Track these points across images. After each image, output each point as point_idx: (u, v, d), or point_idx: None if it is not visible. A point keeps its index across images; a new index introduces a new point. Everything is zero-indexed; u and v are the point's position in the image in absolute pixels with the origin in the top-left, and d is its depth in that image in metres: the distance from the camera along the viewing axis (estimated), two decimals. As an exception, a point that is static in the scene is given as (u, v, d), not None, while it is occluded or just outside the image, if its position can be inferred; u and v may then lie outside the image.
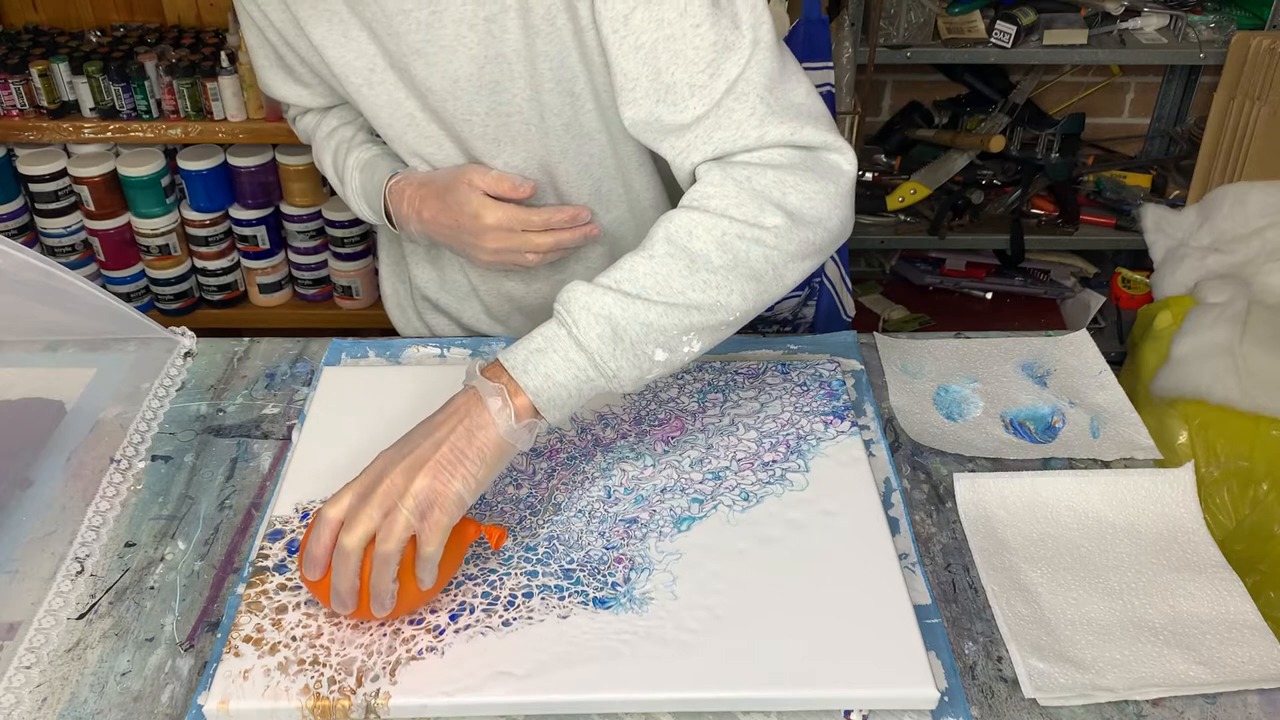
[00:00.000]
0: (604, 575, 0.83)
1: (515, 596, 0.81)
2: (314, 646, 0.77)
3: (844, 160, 0.90)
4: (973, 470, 0.95)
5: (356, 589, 0.76)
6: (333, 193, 2.28)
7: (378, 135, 1.13)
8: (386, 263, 1.29)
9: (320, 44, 0.98)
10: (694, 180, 0.89)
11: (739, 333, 0.84)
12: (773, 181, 0.86)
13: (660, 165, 1.08)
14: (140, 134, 2.19)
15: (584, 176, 1.04)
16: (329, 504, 0.77)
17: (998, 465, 0.96)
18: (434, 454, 0.77)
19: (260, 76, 1.12)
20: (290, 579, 0.83)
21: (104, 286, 1.47)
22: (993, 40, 2.17)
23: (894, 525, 0.88)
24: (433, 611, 0.80)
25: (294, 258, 2.40)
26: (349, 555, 0.75)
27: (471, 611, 0.80)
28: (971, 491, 0.92)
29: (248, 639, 0.78)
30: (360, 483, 0.77)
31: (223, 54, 2.14)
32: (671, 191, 1.13)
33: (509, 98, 0.96)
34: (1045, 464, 0.96)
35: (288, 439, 0.99)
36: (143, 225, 2.29)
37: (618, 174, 1.06)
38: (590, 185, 1.05)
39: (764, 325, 2.04)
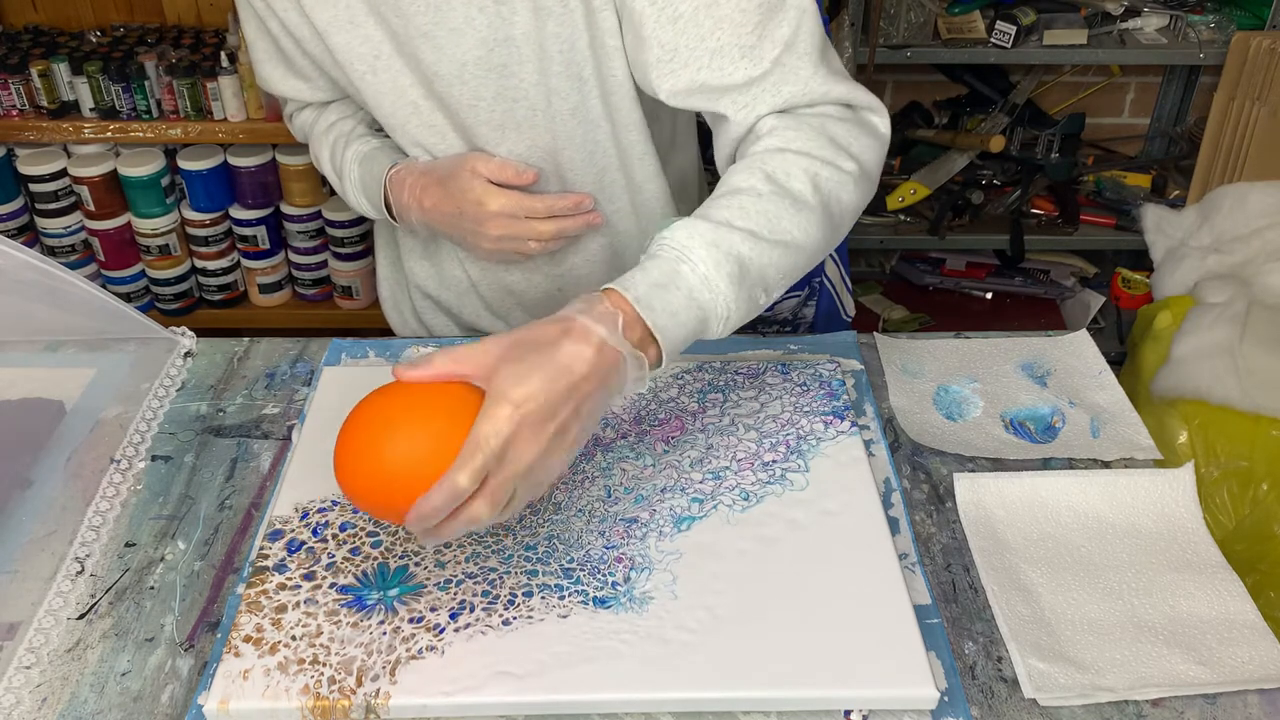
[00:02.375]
0: (604, 575, 0.83)
1: (515, 595, 0.81)
2: (314, 646, 0.77)
3: (882, 123, 0.92)
4: (973, 470, 0.95)
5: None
6: (333, 193, 2.28)
7: (377, 129, 1.12)
8: (384, 266, 1.28)
9: (325, 29, 0.97)
10: (749, 134, 0.90)
11: (738, 332, 0.84)
12: (843, 131, 0.88)
13: (665, 156, 1.08)
14: (140, 134, 2.19)
15: (588, 165, 1.04)
16: (459, 470, 0.69)
17: (998, 465, 0.96)
18: (575, 426, 0.72)
19: (258, 71, 1.12)
20: (290, 579, 0.83)
21: (104, 286, 1.47)
22: (993, 40, 2.17)
23: (894, 525, 0.88)
24: (433, 610, 0.80)
25: (294, 258, 2.40)
26: (460, 528, 0.71)
27: (471, 610, 0.80)
28: (971, 491, 0.92)
29: (248, 639, 0.78)
30: (493, 441, 0.69)
31: (223, 54, 2.14)
32: (673, 184, 1.13)
33: (516, 82, 0.97)
34: (1045, 464, 0.96)
35: (288, 439, 0.99)
36: (143, 225, 2.29)
37: (620, 165, 1.06)
38: (594, 174, 1.05)
39: (764, 325, 2.04)
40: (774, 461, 0.93)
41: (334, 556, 0.84)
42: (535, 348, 0.72)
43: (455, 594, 0.81)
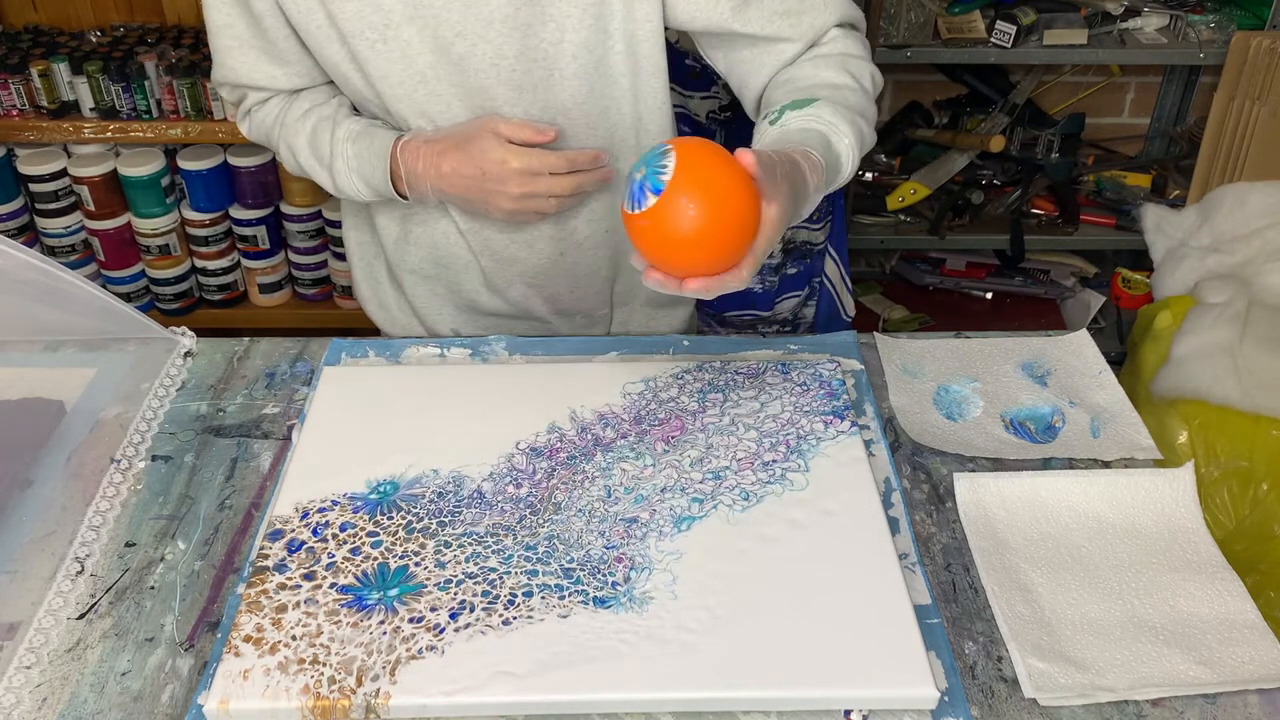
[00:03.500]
0: (604, 575, 0.83)
1: (515, 595, 0.81)
2: (314, 646, 0.77)
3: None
4: (973, 470, 0.95)
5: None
6: (333, 193, 2.28)
7: (356, 113, 1.12)
8: (360, 267, 1.27)
9: None
10: (812, 47, 1.04)
11: (738, 333, 0.85)
12: (865, 43, 1.06)
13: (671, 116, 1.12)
14: (140, 134, 2.19)
15: (601, 122, 1.07)
16: (750, 269, 0.81)
17: (998, 465, 0.96)
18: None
19: (223, 62, 1.09)
20: (290, 579, 0.83)
21: (104, 286, 1.47)
22: (993, 40, 2.17)
23: (894, 525, 0.88)
24: (433, 610, 0.80)
25: (294, 257, 2.40)
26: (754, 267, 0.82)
27: (471, 610, 0.80)
28: (971, 491, 0.92)
29: (248, 639, 0.78)
30: (770, 249, 0.83)
31: (223, 54, 2.14)
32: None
33: (538, 41, 0.99)
34: (1045, 464, 0.96)
35: (288, 439, 0.99)
36: (143, 225, 2.29)
37: (633, 122, 1.08)
38: (606, 131, 1.08)
39: (764, 325, 2.04)
40: (774, 461, 0.93)
41: (334, 556, 0.84)
42: (793, 184, 0.85)
43: (455, 594, 0.81)
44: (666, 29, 1.04)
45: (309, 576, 0.83)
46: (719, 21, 1.01)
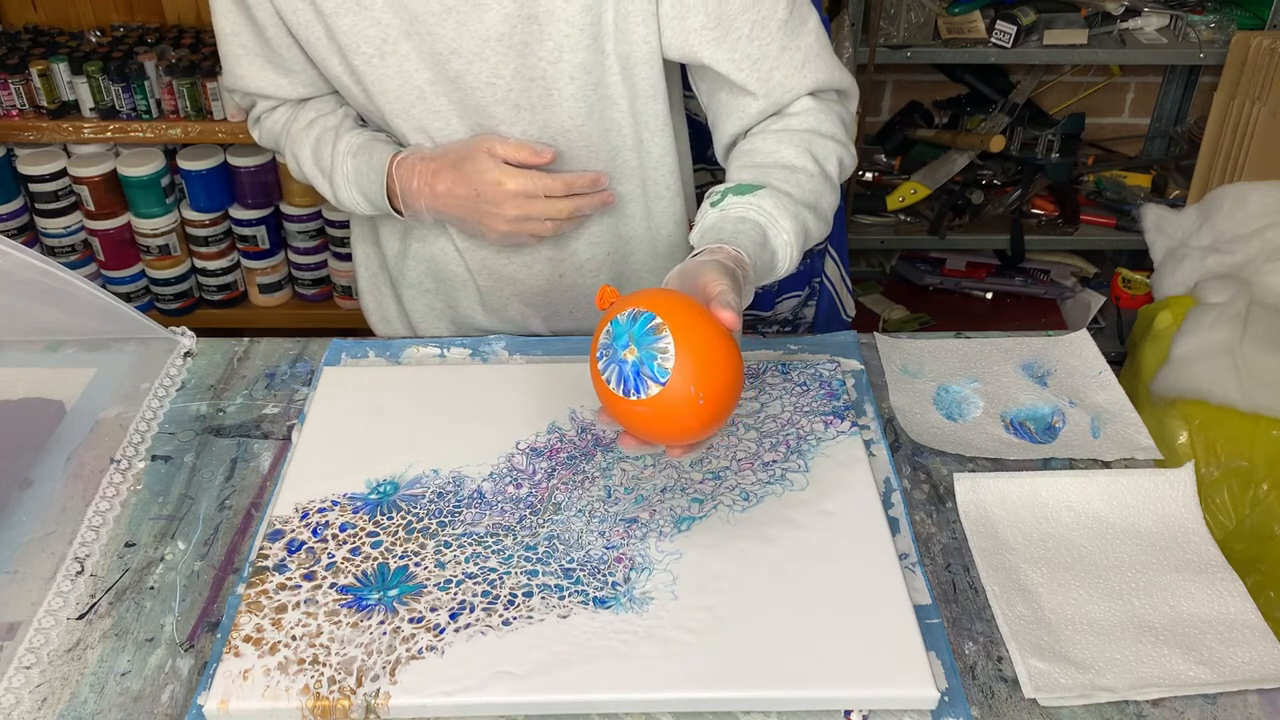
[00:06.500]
0: (604, 575, 0.83)
1: (515, 595, 0.81)
2: (314, 646, 0.77)
3: (854, 104, 1.07)
4: (973, 470, 0.95)
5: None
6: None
7: (362, 124, 1.12)
8: (365, 277, 1.27)
9: (331, 11, 0.97)
10: (780, 112, 1.01)
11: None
12: (846, 116, 1.03)
13: (678, 135, 1.10)
14: (140, 134, 2.19)
15: (602, 143, 1.05)
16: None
17: (998, 465, 0.96)
18: None
19: (231, 69, 1.09)
20: (290, 579, 0.82)
21: (104, 286, 1.47)
22: (993, 40, 2.17)
23: (894, 525, 0.88)
24: (433, 610, 0.80)
25: (294, 258, 2.40)
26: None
27: (471, 610, 0.80)
28: (971, 491, 0.92)
29: (248, 639, 0.78)
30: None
31: (223, 54, 2.14)
32: (684, 165, 1.13)
33: (536, 60, 0.98)
34: (1045, 464, 0.96)
35: (288, 439, 0.99)
36: (143, 225, 2.29)
37: (635, 144, 1.06)
38: (607, 153, 1.06)
39: (764, 325, 2.04)
40: (774, 461, 0.93)
41: (334, 556, 0.84)
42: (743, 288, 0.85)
43: (455, 594, 0.81)
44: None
45: (309, 576, 0.83)
46: (695, 52, 0.98)
